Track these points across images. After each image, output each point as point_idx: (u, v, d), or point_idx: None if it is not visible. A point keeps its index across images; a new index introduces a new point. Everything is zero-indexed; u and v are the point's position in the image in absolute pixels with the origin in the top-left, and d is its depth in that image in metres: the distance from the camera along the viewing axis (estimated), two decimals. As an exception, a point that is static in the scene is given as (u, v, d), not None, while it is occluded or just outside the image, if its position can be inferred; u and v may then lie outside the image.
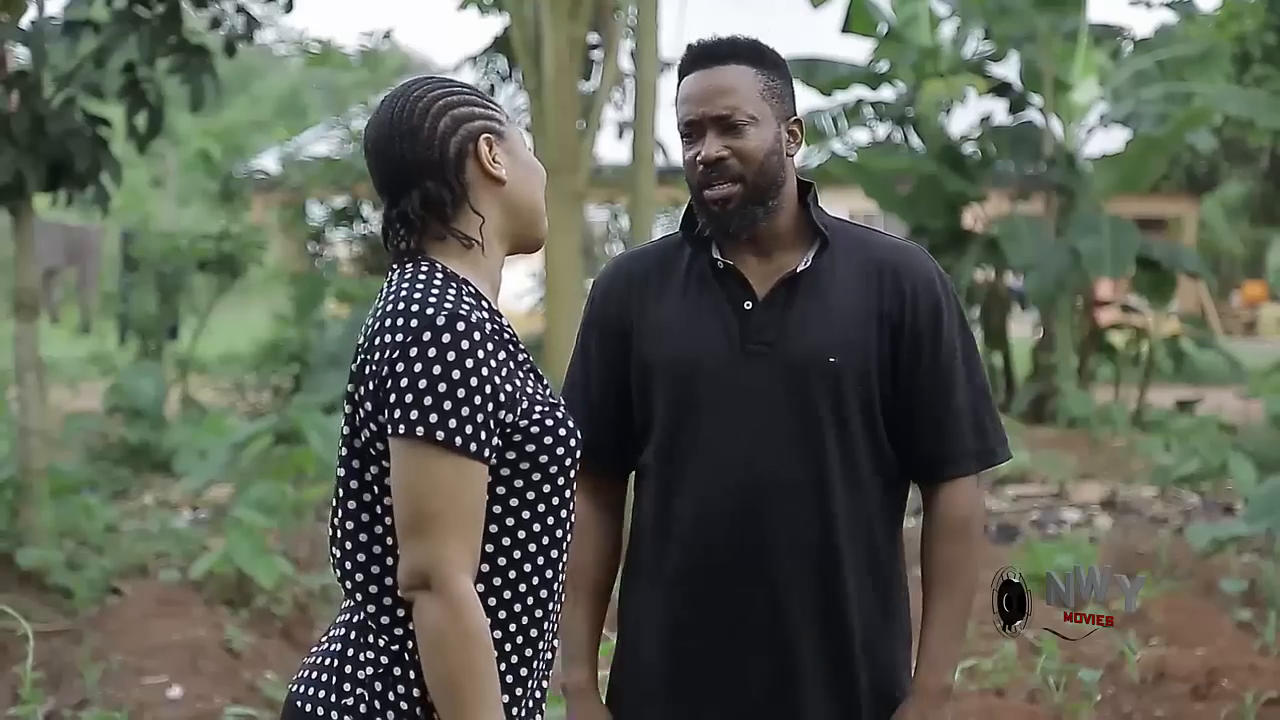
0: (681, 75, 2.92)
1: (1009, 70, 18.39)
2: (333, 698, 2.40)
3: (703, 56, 2.90)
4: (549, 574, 2.47)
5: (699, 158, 2.87)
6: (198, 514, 10.45)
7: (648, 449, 2.96)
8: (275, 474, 10.06)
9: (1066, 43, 17.42)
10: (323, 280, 16.55)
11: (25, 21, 7.90)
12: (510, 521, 2.42)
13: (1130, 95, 17.09)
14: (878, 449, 2.91)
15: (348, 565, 2.44)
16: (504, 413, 2.37)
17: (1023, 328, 19.80)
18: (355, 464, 2.43)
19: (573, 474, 2.48)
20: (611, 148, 16.73)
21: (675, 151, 17.11)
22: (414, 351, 2.32)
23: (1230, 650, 6.66)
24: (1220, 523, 9.75)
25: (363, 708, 2.38)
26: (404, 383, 2.32)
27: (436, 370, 2.31)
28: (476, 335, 2.34)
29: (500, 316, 2.47)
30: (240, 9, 8.26)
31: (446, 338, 2.32)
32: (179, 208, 28.68)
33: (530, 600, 2.45)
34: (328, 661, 2.43)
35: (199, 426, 12.72)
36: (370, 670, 2.39)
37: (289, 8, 8.73)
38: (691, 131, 2.89)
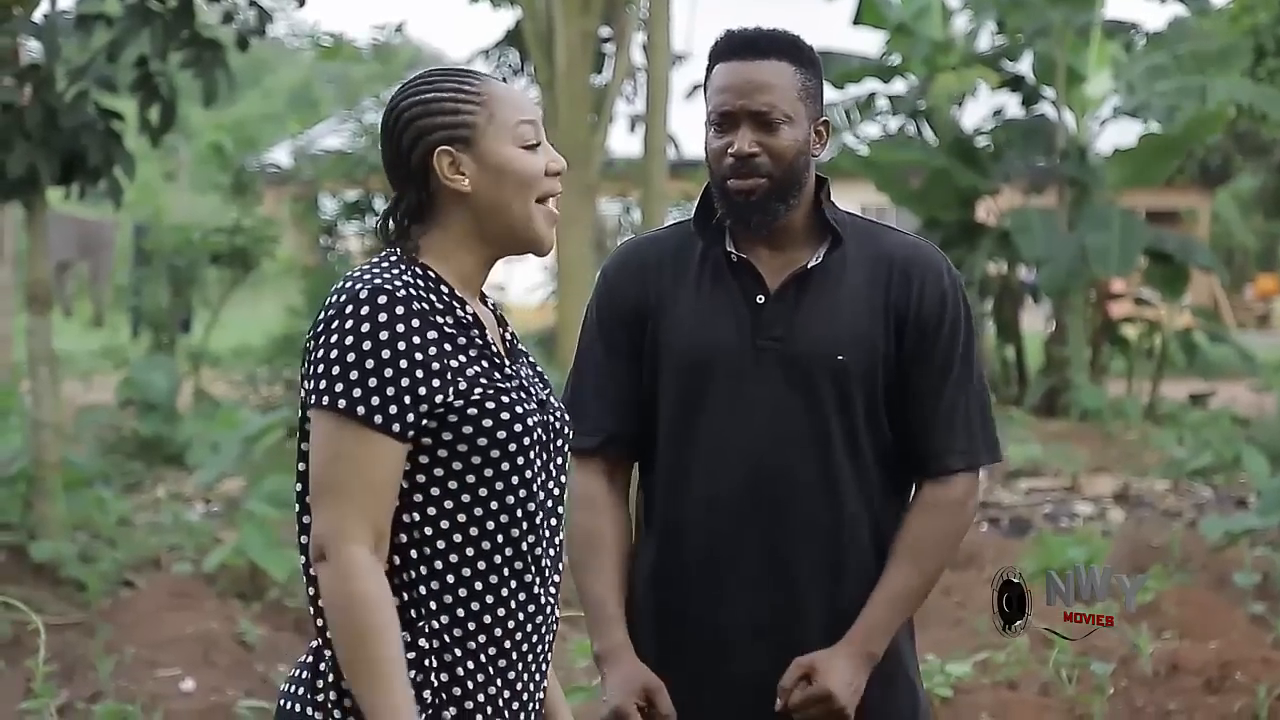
0: (716, 61, 2.89)
1: (1021, 64, 18.36)
2: (308, 694, 2.39)
3: (743, 47, 2.87)
4: (514, 558, 2.42)
5: (730, 150, 2.84)
6: (210, 507, 10.46)
7: (658, 436, 2.96)
8: (287, 467, 10.06)
9: (1079, 36, 17.39)
10: (335, 273, 16.53)
11: (38, 15, 7.91)
12: (449, 504, 2.38)
13: (1144, 89, 17.05)
14: (883, 444, 2.92)
15: (302, 552, 2.44)
16: (426, 390, 2.33)
17: (1035, 321, 19.78)
18: (304, 447, 2.42)
19: (530, 457, 2.41)
20: (623, 141, 16.72)
21: (686, 145, 17.09)
22: (335, 323, 2.32)
23: (1243, 643, 6.64)
24: (1233, 516, 9.72)
25: (329, 701, 2.37)
26: (320, 353, 2.33)
27: (349, 341, 2.31)
28: (399, 309, 2.32)
29: (461, 304, 2.43)
30: (252, 3, 8.26)
31: (365, 310, 2.31)
32: (192, 201, 28.71)
33: (493, 585, 2.40)
34: (306, 658, 2.43)
35: (211, 419, 12.73)
36: (332, 661, 2.37)
37: (301, 2, 8.75)
38: (724, 122, 2.87)
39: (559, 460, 2.52)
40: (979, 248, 16.94)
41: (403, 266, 2.41)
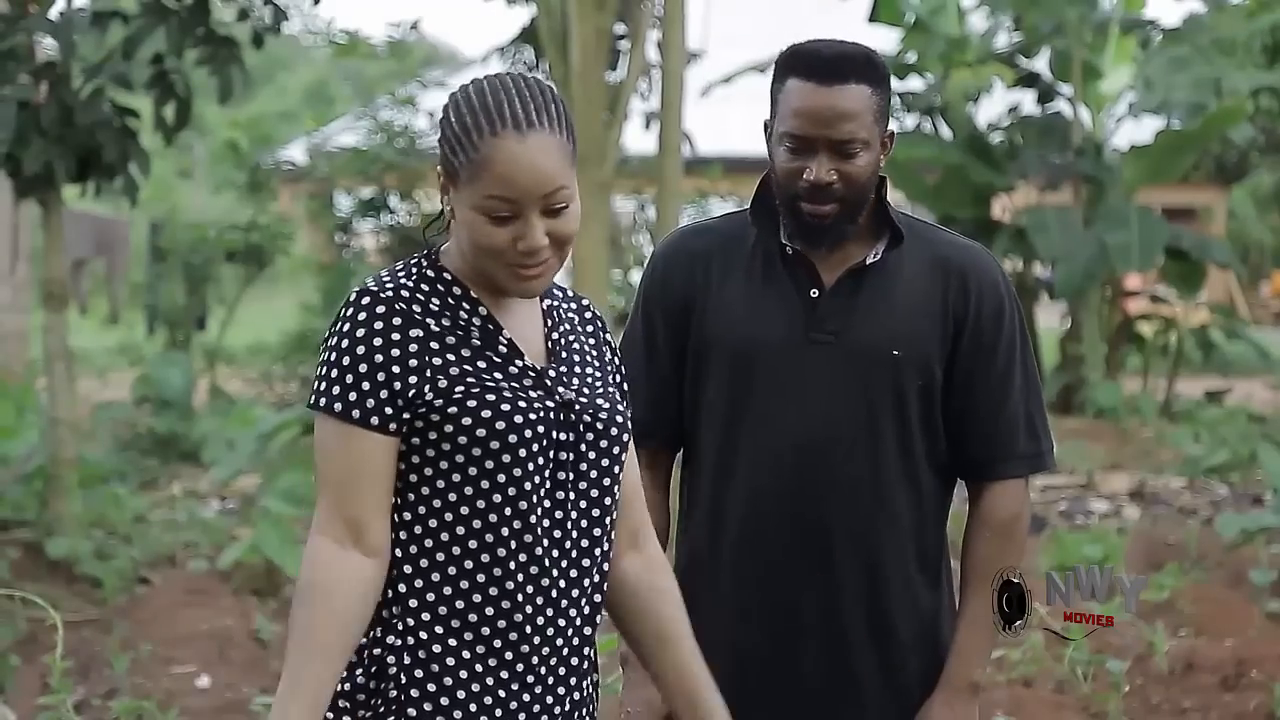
0: (791, 76, 2.83)
1: (1037, 61, 18.34)
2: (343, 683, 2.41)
3: (825, 70, 2.81)
4: (505, 559, 2.38)
5: (808, 178, 2.81)
6: (225, 504, 10.48)
7: (701, 429, 2.95)
8: (303, 464, 10.07)
9: (1096, 33, 17.36)
10: (350, 270, 16.54)
11: (54, 13, 7.93)
12: (437, 503, 2.39)
13: (1160, 85, 17.02)
14: (934, 444, 2.91)
15: None
16: (402, 385, 2.35)
17: (1051, 318, 19.76)
18: None
19: (522, 456, 2.37)
20: (638, 138, 16.72)
21: (701, 142, 17.08)
22: (330, 329, 2.41)
23: (1259, 641, 6.64)
24: (1249, 513, 9.71)
25: (362, 692, 2.39)
26: (319, 358, 2.41)
27: (332, 342, 2.38)
28: (379, 309, 2.37)
29: (470, 304, 2.42)
30: (267, 1, 8.27)
31: (349, 312, 2.38)
32: (207, 198, 28.78)
33: (480, 584, 2.38)
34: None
35: (227, 417, 12.76)
36: (367, 651, 2.40)
37: (316, -1, 8.76)
38: (799, 145, 2.82)
39: (603, 462, 2.48)
40: (994, 245, 16.90)
41: (414, 270, 2.44)
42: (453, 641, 2.38)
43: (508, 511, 2.39)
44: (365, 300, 2.37)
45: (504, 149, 2.34)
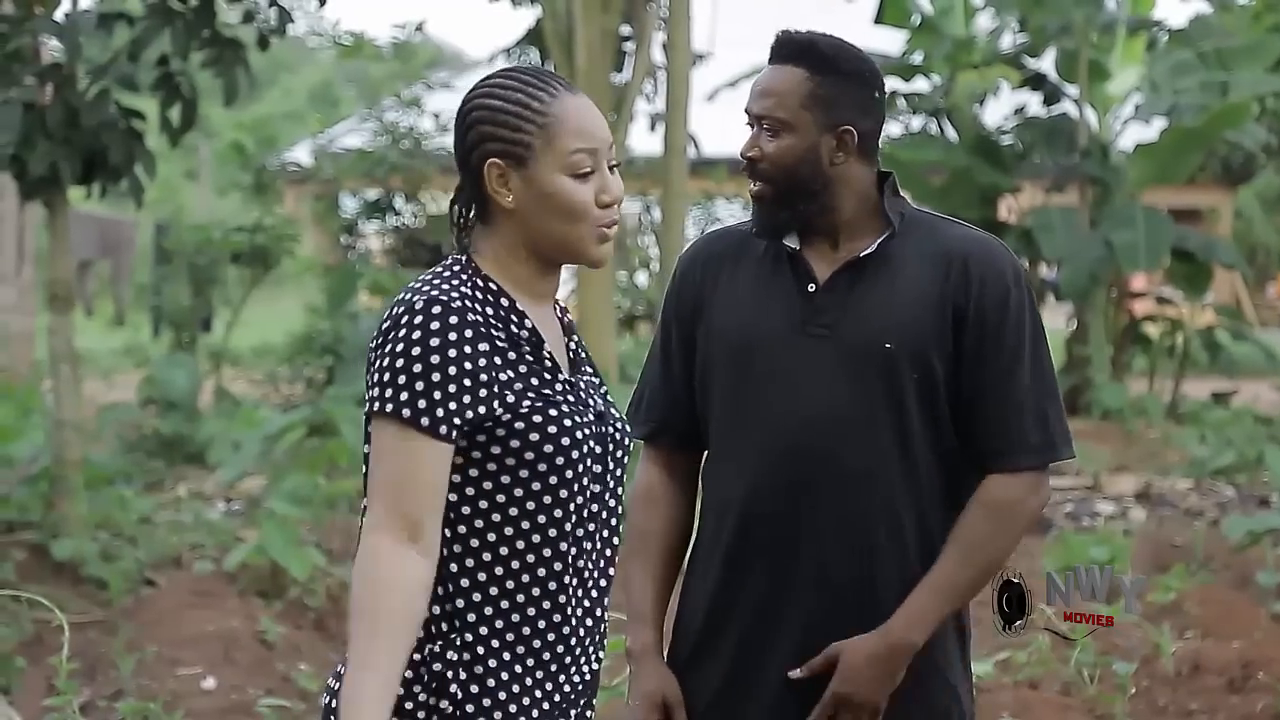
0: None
1: (1043, 62, 18.33)
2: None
3: (772, 49, 2.93)
4: (561, 572, 2.43)
5: (741, 150, 2.92)
6: (231, 505, 10.48)
7: (707, 422, 2.98)
8: (308, 466, 10.08)
9: (1102, 34, 17.34)
10: (355, 272, 16.57)
11: (59, 14, 7.93)
12: (496, 517, 2.41)
13: (1166, 86, 17.00)
14: (938, 436, 2.89)
15: None
16: (471, 399, 2.36)
17: (1056, 319, 19.74)
18: (365, 450, 2.46)
19: (580, 470, 2.43)
20: (644, 139, 16.72)
21: (707, 143, 17.08)
22: (390, 333, 2.36)
23: (1266, 643, 6.63)
24: (1256, 515, 9.69)
25: (420, 709, 2.38)
26: (376, 362, 2.38)
27: (399, 348, 2.34)
28: (452, 319, 2.35)
29: (518, 316, 2.45)
30: (273, 2, 8.27)
31: (419, 319, 2.35)
32: (212, 200, 28.80)
33: (534, 596, 2.42)
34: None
35: (232, 418, 12.75)
36: (427, 667, 2.39)
37: (323, 1, 8.76)
38: (748, 120, 2.93)
39: (618, 471, 2.53)
40: (1000, 246, 16.89)
41: (464, 276, 2.44)
42: (507, 655, 2.41)
43: (559, 525, 2.43)
44: (436, 310, 2.35)
45: (571, 104, 2.46)
